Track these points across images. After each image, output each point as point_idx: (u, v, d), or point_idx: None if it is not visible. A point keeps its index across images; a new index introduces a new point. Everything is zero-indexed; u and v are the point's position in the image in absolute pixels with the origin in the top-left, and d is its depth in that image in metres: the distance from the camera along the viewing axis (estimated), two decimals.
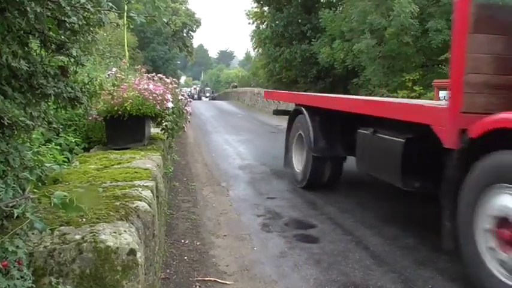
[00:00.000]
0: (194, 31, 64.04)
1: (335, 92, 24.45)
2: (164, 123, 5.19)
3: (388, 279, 4.20)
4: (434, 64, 17.35)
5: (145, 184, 2.97)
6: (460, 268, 4.49)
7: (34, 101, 2.19)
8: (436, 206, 6.90)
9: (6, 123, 1.96)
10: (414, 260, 4.68)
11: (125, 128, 4.59)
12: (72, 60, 2.45)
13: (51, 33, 2.19)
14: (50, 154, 3.83)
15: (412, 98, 17.09)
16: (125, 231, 2.09)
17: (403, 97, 17.17)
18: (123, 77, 4.99)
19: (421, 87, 17.09)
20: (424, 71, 17.97)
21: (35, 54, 2.23)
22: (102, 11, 2.33)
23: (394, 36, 16.84)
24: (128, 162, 3.72)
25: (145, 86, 4.68)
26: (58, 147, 4.22)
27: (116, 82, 4.73)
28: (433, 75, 16.89)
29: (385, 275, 4.28)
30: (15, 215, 1.74)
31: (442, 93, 13.45)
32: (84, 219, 2.13)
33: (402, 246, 5.06)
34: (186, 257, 4.61)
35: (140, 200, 2.57)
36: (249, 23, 36.22)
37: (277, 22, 28.59)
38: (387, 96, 17.67)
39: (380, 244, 5.13)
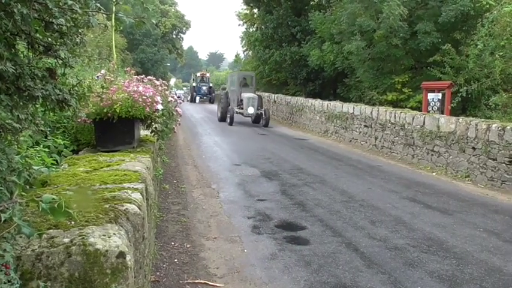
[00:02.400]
0: (184, 33, 64.00)
1: (325, 94, 24.59)
2: (154, 125, 5.16)
3: (377, 280, 4.22)
4: (423, 66, 17.47)
5: (134, 186, 2.95)
6: (450, 269, 4.54)
7: (21, 103, 2.16)
8: (424, 207, 6.98)
9: None
10: (404, 261, 4.71)
11: (114, 130, 4.56)
12: (60, 62, 2.43)
13: (38, 35, 2.17)
14: (38, 157, 3.79)
15: (401, 99, 17.25)
16: (114, 234, 2.07)
17: (392, 99, 17.31)
18: (112, 79, 4.96)
19: (410, 89, 17.22)
20: (413, 73, 18.10)
21: (22, 56, 2.21)
22: (90, 13, 2.32)
23: (383, 39, 16.95)
24: (118, 164, 3.69)
25: (135, 88, 4.65)
26: (46, 150, 4.17)
27: (104, 84, 4.70)
28: (421, 77, 17.02)
29: (375, 276, 4.30)
30: (3, 219, 1.72)
31: (431, 95, 13.59)
32: (73, 222, 2.11)
33: (392, 248, 5.09)
34: (176, 260, 4.60)
35: (130, 203, 2.55)
36: (239, 25, 36.34)
37: (267, 24, 28.64)
38: (377, 98, 17.80)
39: (370, 245, 5.15)
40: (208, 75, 46.63)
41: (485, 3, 14.46)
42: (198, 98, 42.46)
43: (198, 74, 45.45)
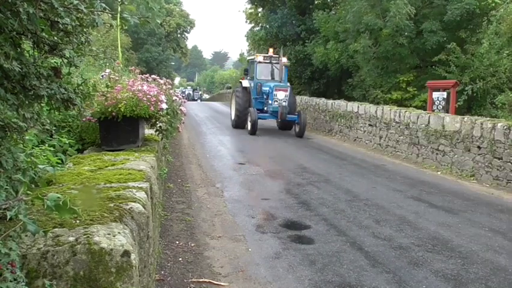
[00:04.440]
0: (188, 32, 63.89)
1: (329, 93, 24.54)
2: (158, 124, 5.18)
3: (382, 279, 4.21)
4: (428, 65, 17.39)
5: (139, 185, 2.96)
6: (455, 268, 4.53)
7: (27, 102, 2.16)
8: (429, 206, 6.95)
9: None
10: (408, 260, 4.70)
11: (118, 129, 4.57)
12: (65, 61, 2.44)
13: (43, 34, 2.18)
14: (44, 156, 3.80)
15: (406, 98, 17.18)
16: (119, 232, 2.08)
17: (397, 98, 17.25)
18: (117, 78, 4.97)
19: (415, 88, 17.15)
20: (418, 72, 18.02)
21: (27, 55, 2.21)
22: (95, 12, 2.32)
23: (389, 37, 16.88)
24: (122, 163, 3.70)
25: (140, 87, 4.66)
26: (51, 149, 4.18)
27: (109, 83, 4.72)
28: (426, 76, 16.95)
29: (380, 276, 4.29)
30: (8, 217, 1.72)
31: (436, 94, 13.54)
32: (78, 221, 2.11)
33: (396, 247, 5.08)
34: (180, 259, 4.60)
35: (134, 202, 2.56)
36: (246, 22, 36.24)
37: (271, 23, 28.61)
38: (381, 97, 17.74)
39: (374, 245, 5.14)
40: (285, 60, 17.80)
41: (490, 1, 14.38)
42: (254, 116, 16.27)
43: (259, 58, 18.26)
